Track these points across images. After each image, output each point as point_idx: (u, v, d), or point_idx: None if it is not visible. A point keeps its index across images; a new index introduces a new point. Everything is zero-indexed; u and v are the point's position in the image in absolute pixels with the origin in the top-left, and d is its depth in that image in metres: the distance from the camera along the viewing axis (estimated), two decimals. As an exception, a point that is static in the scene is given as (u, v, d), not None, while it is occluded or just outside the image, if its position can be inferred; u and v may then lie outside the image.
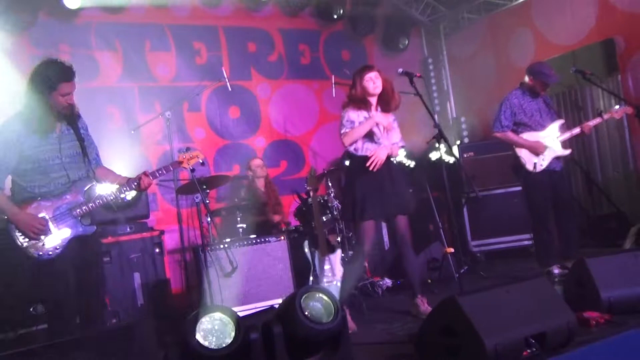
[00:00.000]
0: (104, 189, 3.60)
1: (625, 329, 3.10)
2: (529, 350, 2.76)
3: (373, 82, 4.24)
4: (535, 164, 5.04)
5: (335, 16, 7.46)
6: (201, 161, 3.94)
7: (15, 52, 5.69)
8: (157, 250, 5.42)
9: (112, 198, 3.53)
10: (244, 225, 5.66)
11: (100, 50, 6.17)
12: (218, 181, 5.66)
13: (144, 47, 6.47)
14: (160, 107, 6.27)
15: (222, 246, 5.02)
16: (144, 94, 6.42)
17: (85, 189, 3.49)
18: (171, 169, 3.83)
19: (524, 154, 5.09)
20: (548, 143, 5.09)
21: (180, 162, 3.83)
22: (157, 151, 6.35)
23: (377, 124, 4.23)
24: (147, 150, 6.34)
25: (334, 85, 6.54)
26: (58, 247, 3.34)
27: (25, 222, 3.27)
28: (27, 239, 3.30)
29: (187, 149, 3.93)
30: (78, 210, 3.40)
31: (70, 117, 3.49)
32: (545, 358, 2.77)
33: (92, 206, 3.44)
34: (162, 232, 5.57)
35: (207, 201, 5.12)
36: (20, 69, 5.70)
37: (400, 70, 4.13)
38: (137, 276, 5.22)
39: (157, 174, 3.66)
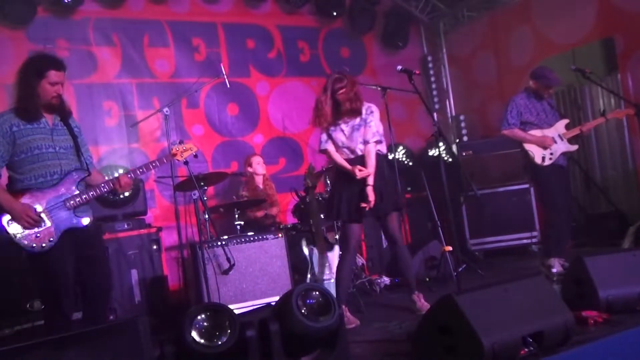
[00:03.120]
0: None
1: (623, 328, 3.09)
2: (526, 349, 2.75)
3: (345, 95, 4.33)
4: (543, 157, 5.14)
5: (334, 13, 7.44)
6: (194, 154, 3.97)
7: (13, 48, 5.68)
8: (155, 247, 5.41)
9: (105, 190, 3.51)
10: (242, 223, 5.65)
11: (98, 45, 6.15)
12: (216, 178, 5.65)
13: (143, 43, 6.45)
14: (159, 103, 6.26)
15: (219, 243, 5.01)
16: (142, 90, 6.40)
17: (79, 180, 3.47)
18: (165, 161, 3.82)
19: (532, 148, 5.18)
20: (555, 139, 5.18)
21: (174, 155, 3.85)
22: (156, 147, 6.33)
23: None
24: (145, 147, 6.33)
25: (333, 83, 6.51)
26: (52, 239, 3.30)
27: (19, 212, 3.23)
28: (20, 231, 3.26)
29: (181, 142, 3.94)
30: (72, 201, 3.37)
31: (62, 112, 3.50)
32: (543, 357, 2.76)
33: (85, 198, 3.42)
34: (159, 229, 5.56)
35: (205, 198, 5.11)
36: (18, 65, 5.72)
37: (399, 67, 4.12)
38: (134, 273, 5.21)
39: (151, 167, 3.73)
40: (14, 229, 3.26)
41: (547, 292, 3.07)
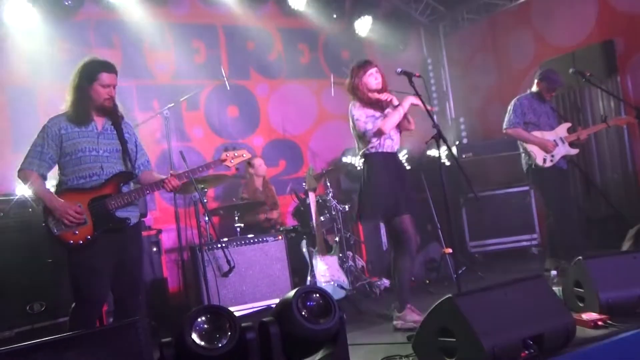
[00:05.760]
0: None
1: (624, 330, 3.09)
2: (526, 352, 2.74)
3: (375, 78, 4.22)
4: (544, 159, 5.19)
5: (334, 15, 7.45)
6: (248, 161, 3.86)
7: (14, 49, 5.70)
8: (155, 249, 5.40)
9: (148, 193, 3.56)
10: (242, 225, 5.65)
11: (98, 47, 6.14)
12: (216, 180, 5.64)
13: (143, 45, 6.45)
14: (159, 105, 6.26)
15: (219, 245, 5.00)
16: (142, 92, 6.41)
17: (122, 183, 3.50)
18: (212, 166, 3.79)
19: (534, 149, 5.22)
20: (557, 142, 5.23)
21: (223, 160, 3.78)
22: (156, 150, 6.33)
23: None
24: (145, 149, 6.30)
25: (333, 85, 6.53)
26: (89, 236, 3.34)
27: (61, 210, 3.28)
28: (61, 227, 3.31)
29: (234, 147, 3.86)
30: (113, 202, 3.40)
31: (114, 116, 3.53)
32: (543, 360, 2.76)
33: (127, 199, 3.43)
34: (159, 231, 5.55)
35: (205, 200, 5.10)
36: (18, 67, 5.73)
37: (399, 70, 4.10)
38: (134, 275, 5.20)
39: (198, 171, 3.69)
40: (54, 225, 3.32)
41: (548, 295, 3.07)
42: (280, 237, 5.36)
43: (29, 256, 4.58)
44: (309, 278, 5.24)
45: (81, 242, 3.32)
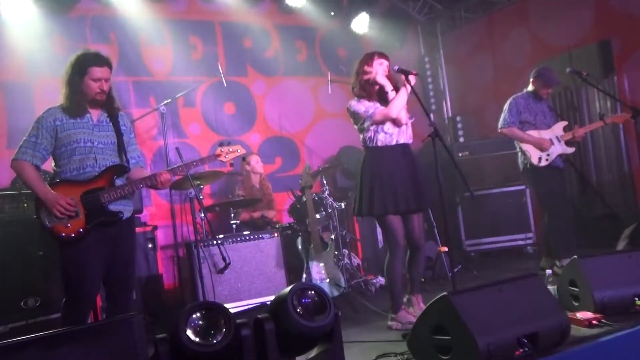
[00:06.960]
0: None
1: (618, 329, 3.10)
2: (521, 350, 2.75)
3: (380, 64, 4.15)
4: (540, 158, 5.19)
5: (332, 13, 7.44)
6: (243, 156, 3.89)
7: (10, 44, 5.68)
8: (150, 245, 5.40)
9: (142, 186, 3.54)
10: (238, 222, 5.65)
11: (95, 43, 6.11)
12: (212, 177, 5.64)
13: (140, 41, 6.43)
14: (156, 101, 6.24)
15: (215, 242, 5.00)
16: (139, 88, 6.39)
17: (115, 176, 3.47)
18: (207, 161, 3.77)
19: (529, 148, 5.23)
20: (553, 141, 5.24)
21: (218, 156, 3.76)
22: (152, 146, 6.32)
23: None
24: (141, 145, 6.23)
25: (330, 83, 6.52)
26: (81, 229, 3.31)
27: (52, 202, 3.26)
28: (53, 219, 3.28)
29: (228, 143, 3.86)
30: (106, 195, 3.38)
31: (110, 108, 3.53)
32: (538, 358, 2.76)
33: (120, 192, 3.41)
34: (155, 228, 5.55)
35: (201, 197, 5.10)
36: (13, 62, 5.71)
37: (396, 67, 4.09)
38: (129, 271, 5.19)
39: (192, 165, 3.65)
40: (46, 217, 3.29)
41: (543, 293, 3.08)
42: (276, 234, 5.36)
43: (24, 251, 4.58)
44: (304, 275, 5.24)
45: (73, 235, 3.30)
